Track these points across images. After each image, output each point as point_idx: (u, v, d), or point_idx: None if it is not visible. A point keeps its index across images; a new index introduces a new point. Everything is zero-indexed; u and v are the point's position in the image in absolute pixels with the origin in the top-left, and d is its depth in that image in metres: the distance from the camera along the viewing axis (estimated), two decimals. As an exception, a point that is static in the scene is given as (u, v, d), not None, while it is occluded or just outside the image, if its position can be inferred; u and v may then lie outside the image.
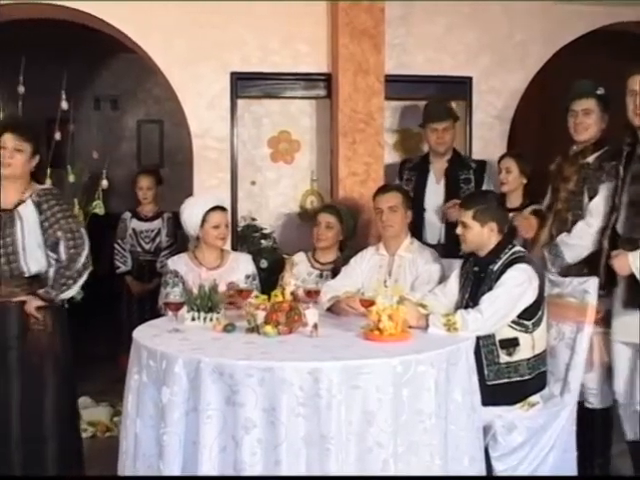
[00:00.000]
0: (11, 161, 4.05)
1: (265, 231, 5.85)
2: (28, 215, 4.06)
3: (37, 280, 4.12)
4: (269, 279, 5.11)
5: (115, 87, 10.14)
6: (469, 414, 3.53)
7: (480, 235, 4.03)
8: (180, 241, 6.24)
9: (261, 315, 3.71)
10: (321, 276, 4.95)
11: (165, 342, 3.55)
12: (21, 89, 5.08)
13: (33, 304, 4.04)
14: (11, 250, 4.01)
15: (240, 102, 5.83)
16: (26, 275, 4.07)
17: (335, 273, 4.87)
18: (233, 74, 5.74)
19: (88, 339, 7.16)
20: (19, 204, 4.09)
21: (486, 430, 3.81)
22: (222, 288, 4.21)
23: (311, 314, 3.69)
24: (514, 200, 4.99)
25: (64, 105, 5.14)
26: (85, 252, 4.12)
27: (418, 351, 3.39)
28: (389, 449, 3.20)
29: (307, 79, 5.87)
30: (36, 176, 4.23)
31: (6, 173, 4.06)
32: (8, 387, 4.04)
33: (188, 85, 5.71)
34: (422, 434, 3.31)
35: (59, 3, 5.53)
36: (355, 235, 5.17)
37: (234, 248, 5.40)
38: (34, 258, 4.07)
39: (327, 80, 5.84)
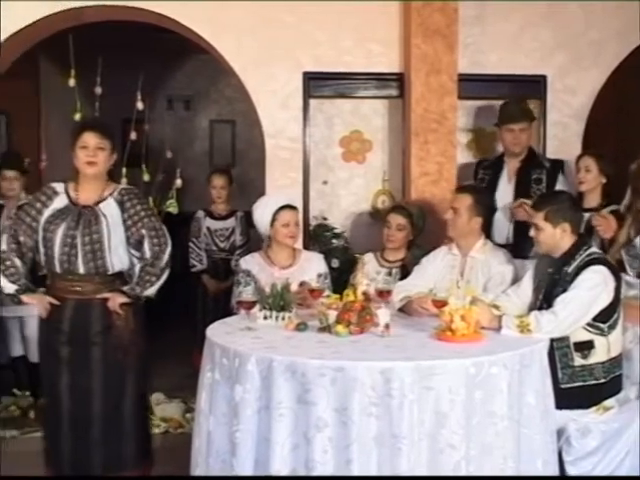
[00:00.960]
0: (95, 159, 4.09)
1: (336, 230, 5.87)
2: (112, 213, 4.11)
3: (119, 277, 4.18)
4: (340, 278, 5.11)
5: (188, 88, 10.26)
6: (542, 417, 3.49)
7: (553, 236, 3.97)
8: (253, 239, 6.28)
9: (333, 314, 3.72)
10: (389, 274, 4.95)
11: (238, 340, 3.59)
12: (98, 90, 5.16)
13: (117, 300, 4.09)
14: (98, 247, 4.06)
15: (312, 102, 5.86)
16: (109, 272, 4.13)
17: (404, 271, 4.86)
18: (306, 74, 5.77)
19: (162, 336, 7.27)
20: (100, 202, 4.14)
21: (560, 434, 3.76)
22: (294, 287, 4.23)
23: (383, 314, 3.68)
24: (592, 200, 4.90)
25: (140, 105, 5.22)
26: (168, 250, 4.17)
27: (491, 352, 3.36)
28: (461, 451, 3.19)
29: (379, 79, 5.87)
30: (112, 174, 4.28)
31: (92, 172, 4.11)
32: (90, 383, 4.11)
33: (261, 85, 5.75)
34: (495, 436, 3.29)
35: (135, 5, 5.62)
36: (423, 234, 5.15)
37: (306, 247, 5.40)
38: (118, 256, 4.13)
39: (399, 80, 5.83)
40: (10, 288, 4.16)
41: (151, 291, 4.18)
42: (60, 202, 4.15)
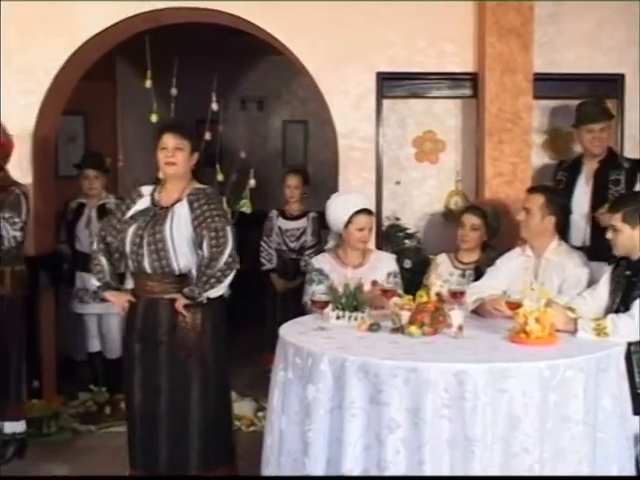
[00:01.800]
0: (174, 160, 4.15)
1: (409, 231, 5.84)
2: (181, 213, 4.14)
3: (188, 278, 4.18)
4: (413, 279, 5.10)
5: (261, 88, 10.32)
6: (619, 422, 3.44)
7: (631, 238, 3.90)
8: (324, 241, 6.29)
9: (406, 315, 3.72)
10: (463, 276, 4.92)
11: (311, 340, 3.60)
12: (174, 91, 5.23)
13: (181, 302, 4.10)
14: (161, 246, 4.09)
15: (385, 102, 5.84)
16: (176, 273, 4.15)
17: (478, 273, 4.83)
18: (379, 74, 5.76)
19: (234, 335, 7.33)
20: (176, 202, 4.19)
21: (637, 439, 3.69)
22: (367, 288, 4.23)
23: (456, 315, 3.66)
24: None
25: (214, 106, 5.27)
26: (227, 251, 4.07)
27: (566, 355, 3.32)
28: (535, 455, 3.16)
29: (453, 78, 5.82)
30: (197, 175, 4.31)
31: (170, 172, 4.18)
32: (158, 382, 4.16)
33: (334, 86, 5.76)
34: (569, 441, 3.25)
35: (211, 7, 5.69)
36: (497, 235, 5.10)
37: (379, 248, 5.38)
38: (184, 256, 4.14)
39: (473, 79, 5.78)
40: (94, 285, 4.40)
41: (213, 293, 4.12)
42: (143, 204, 4.24)
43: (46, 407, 5.57)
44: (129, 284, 4.38)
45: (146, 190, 4.30)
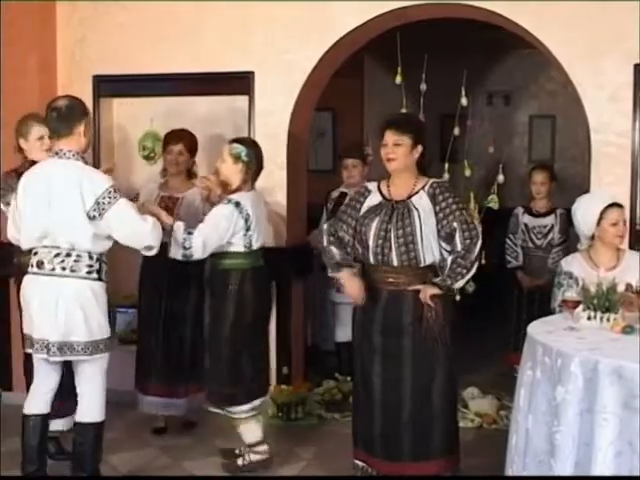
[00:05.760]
0: (393, 156, 4.23)
1: (667, 231, 5.56)
2: (423, 206, 4.21)
3: (430, 270, 4.25)
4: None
5: (507, 83, 10.18)
6: None
7: None
8: (572, 239, 6.13)
9: (663, 319, 3.56)
10: None
11: (560, 340, 3.51)
12: (423, 87, 5.28)
13: (429, 292, 4.17)
14: (410, 239, 4.17)
15: (642, 95, 5.59)
16: (421, 265, 4.22)
17: None
18: (637, 66, 5.50)
19: (477, 332, 7.31)
20: (412, 195, 4.26)
21: None
22: (620, 289, 4.07)
23: None
24: None
25: (464, 101, 5.27)
26: (479, 243, 4.18)
27: None
28: None
29: None
30: (421, 168, 4.34)
31: (391, 168, 4.28)
32: (401, 372, 4.24)
33: (588, 78, 5.56)
34: None
35: (460, 2, 5.66)
36: None
37: (632, 248, 5.16)
38: (429, 248, 4.20)
39: None
40: (331, 269, 4.46)
41: (460, 283, 4.22)
42: (374, 199, 4.34)
43: (294, 393, 5.79)
44: None
45: (372, 186, 4.42)
